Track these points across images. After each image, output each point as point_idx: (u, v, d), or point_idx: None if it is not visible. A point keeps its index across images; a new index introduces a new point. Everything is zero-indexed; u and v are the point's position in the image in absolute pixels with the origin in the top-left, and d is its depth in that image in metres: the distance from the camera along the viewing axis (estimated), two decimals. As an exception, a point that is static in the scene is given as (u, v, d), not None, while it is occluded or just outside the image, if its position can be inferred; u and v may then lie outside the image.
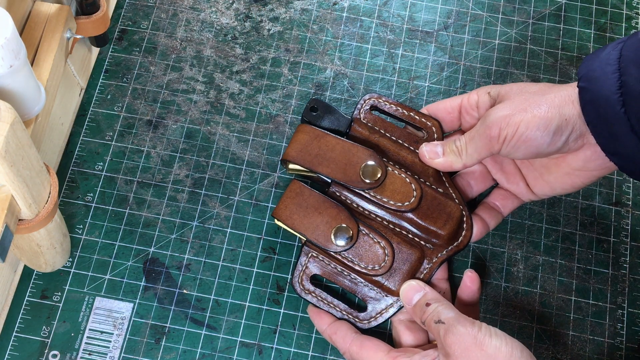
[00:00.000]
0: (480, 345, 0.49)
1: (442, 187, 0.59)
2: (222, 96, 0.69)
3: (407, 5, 0.74)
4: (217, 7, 0.73)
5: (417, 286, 0.55)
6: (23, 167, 0.48)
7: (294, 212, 0.58)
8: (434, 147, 0.59)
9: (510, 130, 0.53)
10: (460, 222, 0.58)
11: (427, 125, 0.61)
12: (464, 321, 0.50)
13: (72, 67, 0.64)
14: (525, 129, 0.52)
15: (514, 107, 0.53)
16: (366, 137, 0.61)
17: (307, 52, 0.71)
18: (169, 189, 0.65)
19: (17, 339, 0.59)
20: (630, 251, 0.64)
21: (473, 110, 0.59)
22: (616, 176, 0.67)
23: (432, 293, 0.55)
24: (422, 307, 0.54)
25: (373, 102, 0.62)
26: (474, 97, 0.59)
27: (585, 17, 0.74)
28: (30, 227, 0.52)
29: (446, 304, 0.53)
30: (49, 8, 0.57)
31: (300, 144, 0.59)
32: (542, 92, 0.53)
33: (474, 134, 0.56)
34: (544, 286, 0.63)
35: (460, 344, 0.49)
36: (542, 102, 0.52)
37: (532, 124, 0.52)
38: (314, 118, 0.61)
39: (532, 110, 0.52)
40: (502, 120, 0.53)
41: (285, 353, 0.60)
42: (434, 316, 0.52)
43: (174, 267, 0.62)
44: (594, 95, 0.49)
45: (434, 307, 0.53)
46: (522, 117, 0.52)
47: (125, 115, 0.67)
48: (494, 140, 0.54)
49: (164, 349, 0.59)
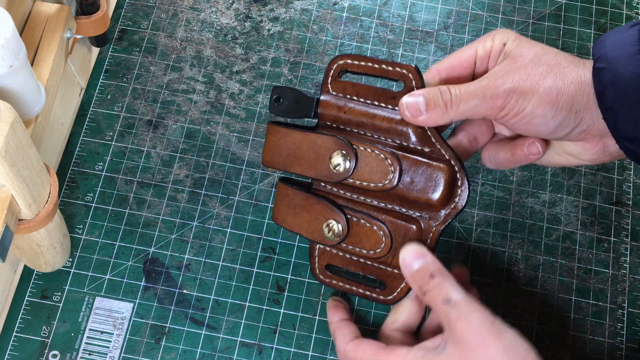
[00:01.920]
0: (498, 337, 0.46)
1: (428, 145, 0.53)
2: (222, 96, 0.69)
3: (407, 5, 0.74)
4: (217, 7, 0.73)
5: (419, 251, 0.51)
6: (23, 167, 0.48)
7: (286, 215, 0.57)
8: (415, 99, 0.51)
9: (516, 108, 0.49)
10: (452, 182, 0.53)
11: (403, 74, 0.53)
12: (480, 307, 0.47)
13: (72, 67, 0.64)
14: (531, 112, 0.49)
15: (525, 81, 0.49)
16: (335, 116, 0.55)
17: (307, 52, 0.71)
18: (169, 189, 0.65)
19: (17, 339, 0.59)
20: (631, 251, 0.64)
21: (485, 59, 0.53)
22: (616, 176, 0.67)
23: (436, 263, 0.50)
24: (423, 276, 0.50)
25: (342, 66, 0.55)
26: (489, 43, 0.53)
27: (585, 17, 0.74)
28: (30, 227, 0.52)
29: (452, 280, 0.49)
30: (49, 8, 0.57)
31: (271, 147, 0.57)
32: (558, 68, 0.49)
33: (474, 93, 0.50)
34: (544, 286, 0.63)
35: (476, 333, 0.46)
36: (556, 86, 0.48)
37: (540, 109, 0.49)
38: (279, 110, 0.56)
39: (544, 93, 0.48)
40: (510, 94, 0.49)
41: (285, 353, 0.60)
42: (439, 293, 0.48)
43: (174, 267, 0.62)
44: (616, 77, 0.47)
45: (439, 281, 0.49)
46: (531, 99, 0.49)
47: (125, 115, 0.67)
48: (495, 109, 0.50)
49: (164, 349, 0.59)
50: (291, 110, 0.56)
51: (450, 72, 0.53)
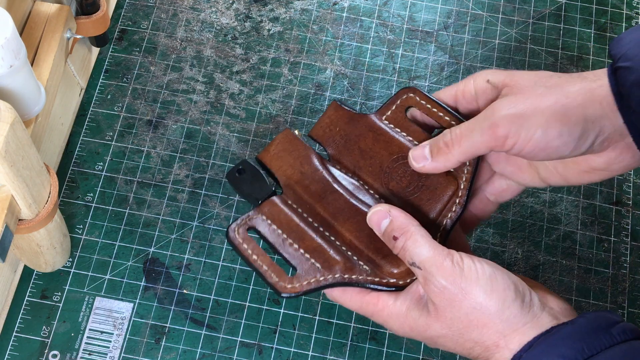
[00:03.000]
0: (467, 294, 0.44)
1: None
2: (222, 96, 0.69)
3: (407, 5, 0.74)
4: (217, 7, 0.73)
5: (382, 211, 0.48)
6: (23, 167, 0.48)
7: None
8: (422, 150, 0.49)
9: (523, 136, 0.44)
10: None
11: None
12: (441, 264, 0.44)
13: (72, 67, 0.64)
14: (544, 136, 0.44)
15: (527, 104, 0.44)
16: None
17: (307, 52, 0.71)
18: (169, 189, 0.65)
19: (17, 339, 0.59)
20: (631, 251, 0.64)
21: (470, 103, 0.50)
22: (616, 176, 0.67)
23: (399, 219, 0.47)
24: (389, 239, 0.47)
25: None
26: (470, 85, 0.49)
27: (585, 17, 0.74)
28: (30, 227, 0.52)
29: (414, 235, 0.46)
30: (49, 8, 0.57)
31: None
32: (557, 86, 0.45)
33: (473, 127, 0.46)
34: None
35: (444, 295, 0.44)
36: (561, 102, 0.44)
37: (553, 130, 0.44)
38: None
39: (551, 113, 0.44)
40: (513, 122, 0.44)
41: (285, 353, 0.60)
42: (405, 256, 0.46)
43: (174, 267, 0.62)
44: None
45: (402, 242, 0.46)
46: (539, 123, 0.44)
47: (125, 115, 0.67)
48: (500, 140, 0.45)
49: (164, 349, 0.59)
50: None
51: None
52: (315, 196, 0.53)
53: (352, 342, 0.60)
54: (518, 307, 0.44)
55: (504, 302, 0.44)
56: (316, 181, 0.53)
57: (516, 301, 0.44)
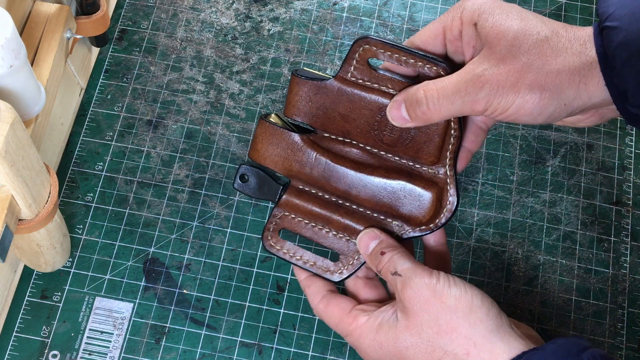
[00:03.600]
0: (439, 297, 0.46)
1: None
2: (222, 96, 0.69)
3: (407, 5, 0.74)
4: (217, 7, 0.73)
5: (373, 233, 0.51)
6: (23, 167, 0.48)
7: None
8: (398, 111, 0.49)
9: (499, 109, 0.46)
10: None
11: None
12: (421, 272, 0.47)
13: (72, 67, 0.64)
14: (516, 112, 0.45)
15: (505, 81, 0.45)
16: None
17: (307, 52, 0.71)
18: (169, 189, 0.65)
19: (17, 339, 0.59)
20: (631, 251, 0.64)
21: (457, 41, 0.49)
22: (616, 176, 0.67)
23: (388, 240, 0.50)
24: (377, 255, 0.50)
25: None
26: (456, 25, 0.48)
27: (585, 17, 0.74)
28: (30, 227, 0.52)
29: (402, 252, 0.49)
30: (49, 8, 0.57)
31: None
32: (540, 56, 0.45)
33: (454, 97, 0.46)
34: (544, 286, 0.63)
35: (418, 297, 0.46)
36: (539, 82, 0.44)
37: (524, 109, 0.45)
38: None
39: (527, 93, 0.45)
40: (493, 97, 0.45)
41: (285, 353, 0.60)
42: (389, 267, 0.49)
43: (174, 267, 0.62)
44: (631, 36, 0.43)
45: (389, 256, 0.49)
46: (514, 100, 0.45)
47: (125, 115, 0.67)
48: (477, 112, 0.46)
49: (164, 349, 0.59)
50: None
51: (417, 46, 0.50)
52: (321, 179, 0.54)
53: (352, 342, 0.60)
54: (484, 312, 0.46)
55: (471, 307, 0.46)
56: (315, 165, 0.54)
57: (482, 308, 0.46)
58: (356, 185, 0.53)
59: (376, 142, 0.53)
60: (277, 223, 0.54)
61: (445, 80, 0.47)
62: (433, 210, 0.52)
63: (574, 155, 0.68)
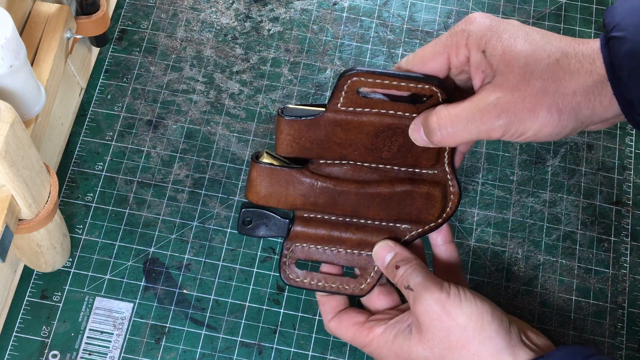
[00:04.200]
0: (449, 314, 0.47)
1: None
2: (222, 96, 0.69)
3: (407, 5, 0.74)
4: (217, 7, 0.73)
5: (388, 246, 0.52)
6: (23, 167, 0.48)
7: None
8: (419, 134, 0.49)
9: (516, 134, 0.45)
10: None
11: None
12: (432, 287, 0.48)
13: (72, 67, 0.64)
14: (534, 135, 0.45)
15: (521, 109, 0.44)
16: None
17: (307, 52, 0.71)
18: (169, 189, 0.65)
19: (17, 339, 0.59)
20: (631, 251, 0.64)
21: (463, 65, 0.48)
22: (616, 175, 0.67)
23: (402, 253, 0.52)
24: (392, 269, 0.51)
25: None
26: (463, 52, 0.47)
27: (585, 17, 0.74)
28: (30, 227, 0.52)
29: (415, 265, 0.50)
30: (49, 8, 0.57)
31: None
32: (555, 81, 0.44)
33: (466, 120, 0.46)
34: (544, 285, 0.63)
35: (429, 313, 0.47)
36: (556, 106, 0.44)
37: (543, 132, 0.45)
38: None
39: (545, 118, 0.44)
40: (509, 125, 0.45)
41: (285, 353, 0.60)
42: (403, 281, 0.50)
43: (174, 267, 0.62)
44: (637, 46, 0.43)
45: (403, 270, 0.50)
46: (532, 126, 0.45)
47: (125, 115, 0.67)
48: (495, 138, 0.46)
49: (164, 349, 0.59)
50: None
51: (419, 69, 0.49)
52: (326, 205, 0.54)
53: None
54: (495, 330, 0.47)
55: (481, 325, 0.47)
56: (320, 194, 0.54)
57: (492, 324, 0.47)
58: (363, 203, 0.54)
59: (375, 159, 0.53)
60: (291, 256, 0.55)
61: (458, 107, 0.46)
62: (440, 209, 0.54)
63: (574, 155, 0.68)
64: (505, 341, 0.47)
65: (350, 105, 0.50)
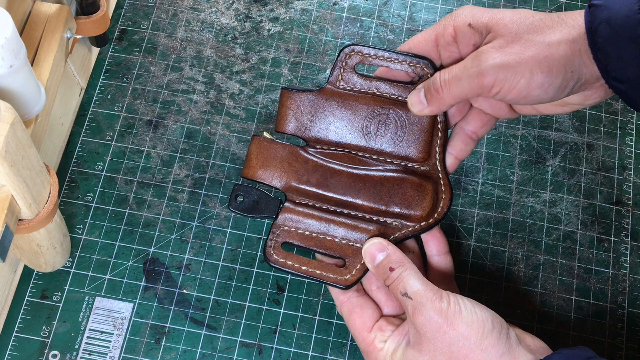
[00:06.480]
0: (451, 324, 0.47)
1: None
2: (222, 96, 0.69)
3: (407, 5, 0.74)
4: (217, 7, 0.73)
5: (380, 244, 0.52)
6: (23, 167, 0.48)
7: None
8: (417, 95, 0.53)
9: (507, 85, 0.48)
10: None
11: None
12: (432, 296, 0.48)
13: (72, 67, 0.64)
14: (527, 85, 0.47)
15: (512, 54, 0.47)
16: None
17: (307, 52, 0.71)
18: (169, 189, 0.65)
19: (17, 339, 0.59)
20: (631, 251, 0.64)
21: (451, 46, 0.52)
22: (617, 175, 0.67)
23: (396, 254, 0.51)
24: (385, 269, 0.51)
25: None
26: (449, 28, 0.52)
27: (585, 17, 0.74)
28: (30, 227, 0.52)
29: (410, 270, 0.50)
30: (49, 8, 0.57)
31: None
32: (541, 33, 0.47)
33: (461, 74, 0.49)
34: (544, 285, 0.63)
35: (430, 324, 0.47)
36: (544, 53, 0.47)
37: (535, 80, 0.47)
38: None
39: (534, 64, 0.47)
40: (498, 71, 0.47)
41: (285, 353, 0.60)
42: (398, 286, 0.49)
43: (174, 267, 0.62)
44: (612, 14, 0.45)
45: (398, 273, 0.50)
46: (523, 74, 0.47)
47: (125, 115, 0.67)
48: (486, 88, 0.48)
49: (164, 349, 0.59)
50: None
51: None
52: (319, 185, 0.55)
53: (352, 342, 0.60)
54: (495, 337, 0.47)
55: (482, 333, 0.47)
56: (313, 171, 0.55)
57: (493, 332, 0.47)
58: (354, 186, 0.54)
59: (368, 148, 0.55)
60: (277, 238, 0.55)
61: (455, 66, 0.50)
62: (431, 203, 0.54)
63: (574, 155, 0.68)
64: (506, 347, 0.47)
65: (348, 82, 0.55)
